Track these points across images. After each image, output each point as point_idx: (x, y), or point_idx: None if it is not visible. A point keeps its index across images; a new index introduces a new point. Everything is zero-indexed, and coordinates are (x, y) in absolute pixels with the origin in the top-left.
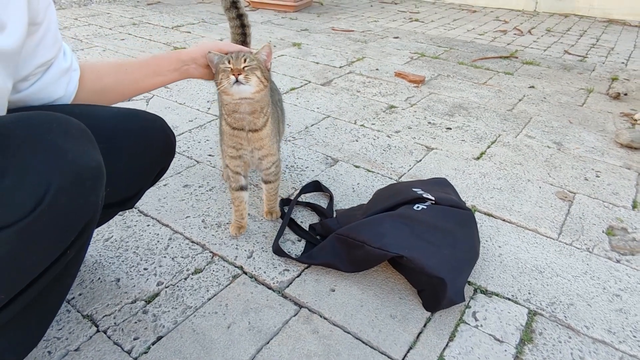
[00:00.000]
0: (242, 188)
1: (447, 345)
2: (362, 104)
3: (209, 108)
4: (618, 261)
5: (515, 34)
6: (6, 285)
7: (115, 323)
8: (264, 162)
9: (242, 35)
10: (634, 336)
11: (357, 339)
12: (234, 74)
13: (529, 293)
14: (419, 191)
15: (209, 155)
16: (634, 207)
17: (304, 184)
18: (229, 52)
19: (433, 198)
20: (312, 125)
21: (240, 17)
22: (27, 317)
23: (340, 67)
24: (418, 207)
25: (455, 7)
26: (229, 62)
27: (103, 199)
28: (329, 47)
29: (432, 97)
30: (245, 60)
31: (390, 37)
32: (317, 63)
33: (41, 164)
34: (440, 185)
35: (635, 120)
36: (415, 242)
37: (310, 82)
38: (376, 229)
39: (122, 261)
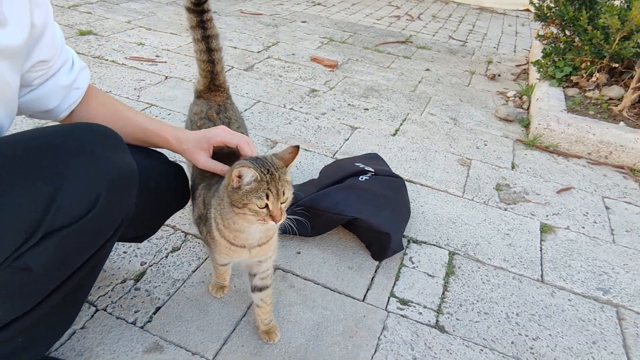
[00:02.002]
0: (228, 264)
1: (394, 284)
2: (287, 88)
3: (139, 96)
4: (505, 209)
5: (407, 19)
6: (55, 275)
7: (112, 301)
8: (263, 265)
9: (209, 63)
10: (520, 262)
11: (326, 287)
12: (274, 219)
13: (448, 239)
14: (361, 165)
15: None
16: (513, 167)
17: None
18: (238, 145)
19: (373, 170)
20: (245, 110)
21: (207, 39)
22: (63, 307)
23: (258, 52)
24: (362, 178)
25: None
26: (267, 198)
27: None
28: (242, 31)
29: (347, 80)
30: (284, 193)
31: (298, 21)
32: (235, 48)
33: (93, 174)
34: (374, 159)
35: (508, 97)
36: (364, 206)
37: (233, 67)
38: (333, 198)
39: None
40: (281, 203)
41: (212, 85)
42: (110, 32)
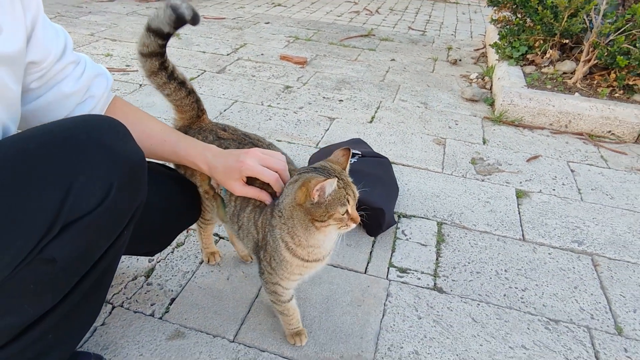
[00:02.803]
0: (293, 297)
1: (392, 255)
2: (262, 86)
3: None
4: (483, 180)
5: (366, 14)
6: (79, 265)
7: (127, 298)
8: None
9: (189, 95)
10: (502, 225)
11: (329, 265)
12: (354, 220)
13: (434, 211)
14: None
15: None
16: (484, 142)
17: None
18: (270, 182)
19: (360, 152)
20: (225, 111)
21: (173, 76)
22: (87, 301)
23: (227, 54)
24: (351, 160)
25: None
26: (348, 202)
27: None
28: (208, 35)
29: (319, 75)
30: (356, 196)
31: (261, 22)
32: (204, 52)
33: (105, 163)
34: (358, 143)
35: (471, 79)
36: (357, 185)
37: (205, 70)
38: None
39: None
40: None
41: (199, 112)
42: (75, 45)
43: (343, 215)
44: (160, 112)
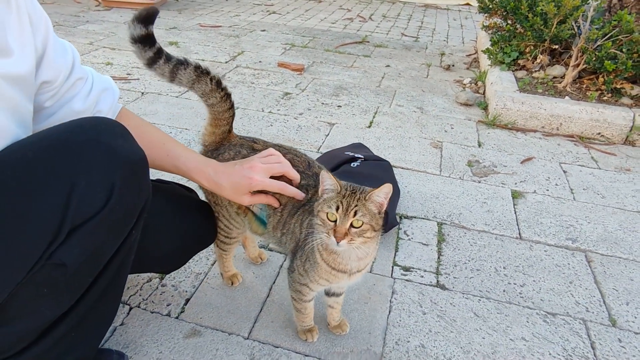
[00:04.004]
0: (313, 298)
1: (395, 254)
2: (261, 93)
3: None
4: (479, 182)
5: (360, 21)
6: (90, 267)
7: (143, 299)
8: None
9: (230, 123)
10: (500, 224)
11: None
12: (336, 236)
13: (434, 212)
14: (351, 153)
15: None
16: (479, 145)
17: None
18: (280, 191)
19: (362, 156)
20: None
21: (229, 96)
22: (105, 299)
23: (226, 62)
24: (354, 164)
25: None
26: (336, 210)
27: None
28: (206, 43)
29: (316, 81)
30: (355, 214)
31: (257, 30)
32: (203, 60)
33: (105, 164)
34: (360, 147)
35: (465, 84)
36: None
37: None
38: None
39: None
40: (353, 226)
41: (230, 128)
42: None
43: (330, 221)
44: (163, 119)
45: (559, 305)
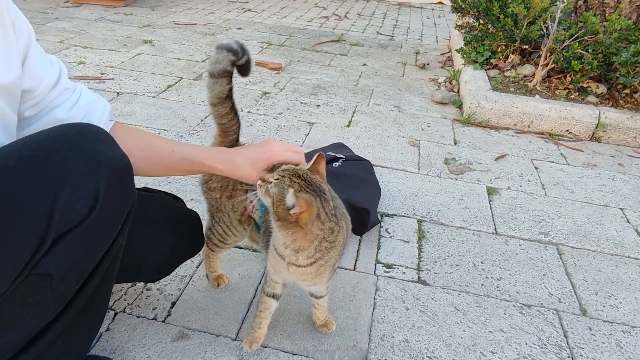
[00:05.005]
0: (275, 296)
1: (377, 252)
2: (240, 93)
3: None
4: (456, 179)
5: (335, 19)
6: (76, 275)
7: (128, 304)
8: (312, 289)
9: (237, 132)
10: (476, 220)
11: None
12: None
13: (414, 209)
14: (332, 153)
15: None
16: (455, 143)
17: None
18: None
19: (343, 156)
20: (206, 118)
21: (235, 110)
22: (92, 305)
23: (203, 61)
24: (336, 164)
25: None
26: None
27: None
28: (181, 42)
29: (294, 80)
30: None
31: (233, 28)
32: (179, 59)
33: (88, 171)
34: (341, 147)
35: (440, 83)
36: (343, 187)
37: (182, 78)
38: None
39: None
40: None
41: (238, 136)
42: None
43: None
44: (141, 120)
45: (533, 297)
